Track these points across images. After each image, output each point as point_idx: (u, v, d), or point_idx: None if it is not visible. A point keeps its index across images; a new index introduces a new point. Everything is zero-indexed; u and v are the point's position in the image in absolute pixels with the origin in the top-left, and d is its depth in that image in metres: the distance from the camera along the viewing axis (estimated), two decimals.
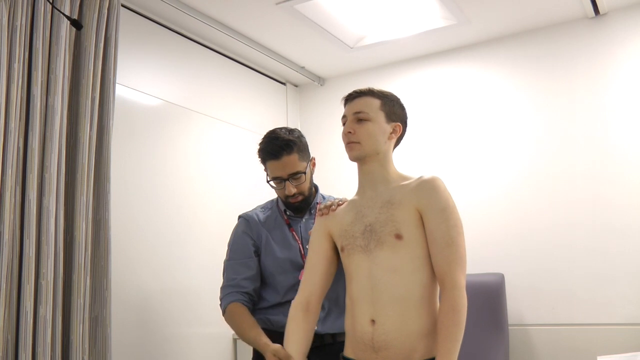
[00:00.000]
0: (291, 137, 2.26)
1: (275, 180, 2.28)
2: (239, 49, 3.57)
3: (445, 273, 1.76)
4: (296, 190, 2.27)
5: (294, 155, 2.24)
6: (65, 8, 2.39)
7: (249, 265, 2.30)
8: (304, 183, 2.28)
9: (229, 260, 2.36)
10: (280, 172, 2.25)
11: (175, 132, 3.19)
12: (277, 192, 2.34)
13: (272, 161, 2.26)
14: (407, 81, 3.74)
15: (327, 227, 1.98)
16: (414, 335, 1.78)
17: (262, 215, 2.41)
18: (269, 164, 2.28)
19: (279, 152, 2.23)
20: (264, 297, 2.33)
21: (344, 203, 2.01)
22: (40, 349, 2.17)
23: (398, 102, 1.96)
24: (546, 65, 3.41)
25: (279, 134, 2.28)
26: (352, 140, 1.87)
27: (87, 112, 2.44)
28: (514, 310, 3.24)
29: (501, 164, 3.44)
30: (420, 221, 1.81)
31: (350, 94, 1.95)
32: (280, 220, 2.37)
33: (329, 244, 1.98)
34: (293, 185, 2.26)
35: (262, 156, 2.32)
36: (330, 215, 1.99)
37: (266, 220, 2.38)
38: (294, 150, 2.24)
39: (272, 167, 2.27)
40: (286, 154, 2.23)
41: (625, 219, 3.09)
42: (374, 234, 1.83)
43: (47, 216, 2.25)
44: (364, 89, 1.93)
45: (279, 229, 2.35)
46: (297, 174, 2.25)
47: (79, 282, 2.34)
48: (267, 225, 2.37)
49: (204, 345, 3.19)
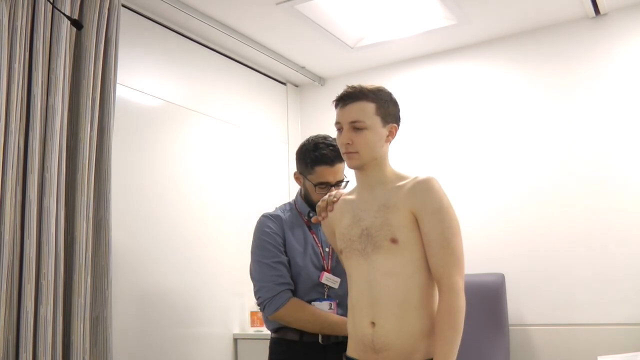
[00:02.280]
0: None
1: (322, 185, 2.30)
2: (240, 49, 3.57)
3: (442, 275, 1.75)
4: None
5: (343, 164, 2.30)
6: (66, 8, 2.39)
7: (286, 264, 2.31)
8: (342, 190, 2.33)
9: (265, 259, 2.31)
10: (330, 178, 2.30)
11: (176, 132, 3.19)
12: (315, 196, 2.33)
13: (324, 167, 2.29)
14: (407, 81, 3.74)
15: (332, 227, 2.00)
16: (414, 336, 1.78)
17: (285, 216, 2.42)
18: (320, 169, 2.30)
19: (335, 159, 2.28)
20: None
21: (339, 199, 2.00)
22: (40, 349, 2.18)
23: (391, 99, 1.92)
24: (546, 65, 3.41)
25: (332, 142, 2.31)
26: (350, 151, 1.86)
27: (87, 112, 2.44)
28: (514, 311, 3.24)
29: (502, 164, 3.44)
30: (416, 224, 1.81)
31: (342, 97, 1.89)
32: (301, 222, 2.39)
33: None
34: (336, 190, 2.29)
35: (314, 159, 2.31)
36: (330, 216, 2.00)
37: (288, 220, 2.40)
38: (342, 160, 2.26)
39: (324, 173, 2.30)
40: (339, 162, 2.29)
41: (626, 219, 3.09)
42: (371, 238, 1.83)
43: (48, 216, 2.25)
44: (355, 89, 1.87)
45: (300, 230, 2.37)
46: (343, 182, 2.33)
47: (80, 282, 2.34)
48: (290, 225, 2.39)
49: (205, 345, 3.19)
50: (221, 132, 3.48)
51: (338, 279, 2.26)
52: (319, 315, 2.22)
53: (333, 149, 2.28)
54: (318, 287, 2.29)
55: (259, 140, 3.77)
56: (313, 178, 2.32)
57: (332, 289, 2.28)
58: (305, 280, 2.30)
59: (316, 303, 2.26)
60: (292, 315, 2.25)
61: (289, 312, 2.24)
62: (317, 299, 2.27)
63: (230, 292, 3.37)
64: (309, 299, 2.27)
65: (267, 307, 2.26)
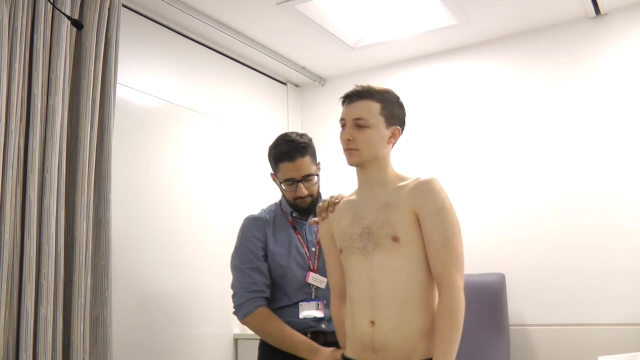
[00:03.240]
0: (304, 140, 2.31)
1: (288, 181, 2.30)
2: (240, 49, 3.57)
3: (442, 275, 1.76)
4: (307, 192, 2.30)
5: (307, 157, 2.29)
6: (66, 8, 2.39)
7: (263, 270, 2.31)
8: (314, 185, 2.32)
9: (242, 264, 2.35)
10: (294, 174, 2.28)
11: (176, 132, 3.19)
12: (286, 193, 2.35)
13: (286, 163, 2.28)
14: (407, 81, 3.74)
15: (330, 230, 2.00)
16: (414, 335, 1.78)
17: (269, 217, 2.42)
18: (283, 166, 2.30)
19: (294, 154, 2.27)
20: (272, 298, 2.35)
21: (340, 201, 2.01)
22: (41, 349, 2.18)
23: (397, 101, 1.95)
24: (547, 65, 3.40)
25: (292, 137, 2.32)
26: (351, 147, 1.87)
27: (87, 112, 2.44)
28: (514, 311, 3.24)
29: (502, 164, 3.44)
30: (417, 223, 1.81)
31: (349, 95, 1.92)
32: (286, 223, 2.39)
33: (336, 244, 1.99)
34: (305, 187, 2.29)
35: (275, 157, 2.33)
36: (329, 216, 2.00)
37: (272, 221, 2.40)
38: (307, 153, 2.29)
39: (286, 169, 2.29)
40: (300, 156, 2.27)
41: (626, 220, 3.09)
42: (372, 237, 1.84)
43: (48, 216, 2.25)
44: (363, 88, 1.91)
45: (284, 231, 2.37)
46: (310, 176, 2.29)
47: (80, 282, 2.34)
48: (274, 227, 2.38)
49: (205, 345, 3.19)
50: (221, 132, 3.48)
51: (325, 278, 2.24)
52: (282, 331, 2.20)
53: (292, 144, 2.28)
54: (305, 288, 2.29)
55: (260, 140, 3.76)
56: (280, 176, 2.32)
57: (320, 289, 2.27)
58: (291, 282, 2.30)
59: (303, 303, 2.26)
60: (257, 324, 2.28)
61: (254, 321, 2.27)
62: (304, 299, 2.28)
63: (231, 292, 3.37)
64: (296, 300, 2.27)
65: (237, 313, 2.31)
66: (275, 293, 2.34)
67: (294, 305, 2.28)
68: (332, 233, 1.99)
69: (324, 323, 2.26)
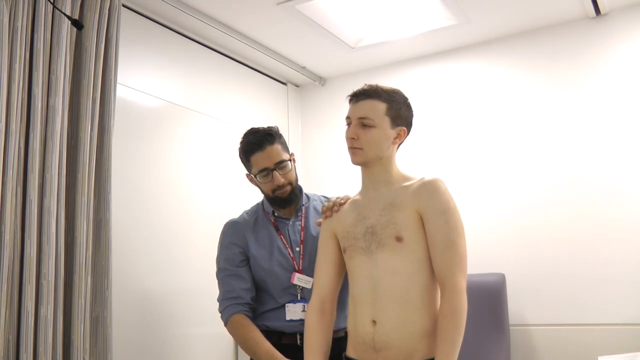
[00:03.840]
0: (270, 130, 2.32)
1: (263, 172, 2.28)
2: (240, 49, 3.57)
3: (445, 276, 1.76)
4: (284, 180, 2.28)
5: (277, 145, 2.28)
6: (66, 8, 2.39)
7: (241, 275, 2.30)
8: (290, 172, 2.30)
9: (220, 273, 2.36)
10: (267, 163, 2.26)
11: (176, 132, 3.19)
12: (263, 187, 2.32)
13: (257, 153, 2.27)
14: (407, 81, 3.74)
15: (332, 229, 1.99)
16: (415, 335, 1.78)
17: (249, 219, 2.41)
18: (254, 158, 2.28)
19: (263, 142, 2.27)
20: (259, 301, 2.34)
21: (346, 202, 2.01)
22: (41, 349, 2.18)
23: (405, 102, 1.94)
24: (547, 65, 3.40)
25: (257, 129, 2.34)
26: (355, 146, 1.87)
27: (88, 112, 2.44)
28: (515, 311, 3.24)
29: (502, 164, 3.44)
30: (421, 223, 1.81)
31: (356, 93, 1.92)
32: (267, 223, 2.37)
33: (336, 245, 1.98)
34: (280, 174, 2.27)
35: (246, 150, 2.31)
36: (334, 216, 2.00)
37: (253, 223, 2.39)
38: (275, 141, 2.29)
39: (258, 159, 2.27)
40: (269, 144, 2.27)
41: (627, 219, 3.09)
42: (375, 236, 1.84)
43: (48, 216, 2.25)
44: (371, 87, 1.90)
45: (266, 232, 2.35)
46: (283, 162, 2.28)
47: (80, 282, 2.34)
48: (254, 229, 2.37)
49: (205, 345, 3.19)
50: (221, 132, 3.48)
51: (311, 278, 2.20)
52: (249, 339, 2.19)
53: (258, 134, 2.29)
54: (290, 289, 2.27)
55: None
56: (254, 170, 2.30)
57: (306, 289, 2.25)
58: (275, 284, 2.28)
59: (289, 305, 2.25)
60: (231, 332, 2.29)
61: (229, 328, 2.29)
62: (290, 300, 2.26)
63: None
64: (282, 302, 2.26)
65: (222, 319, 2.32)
66: (262, 296, 2.33)
67: (280, 307, 2.27)
68: (333, 232, 1.98)
69: None
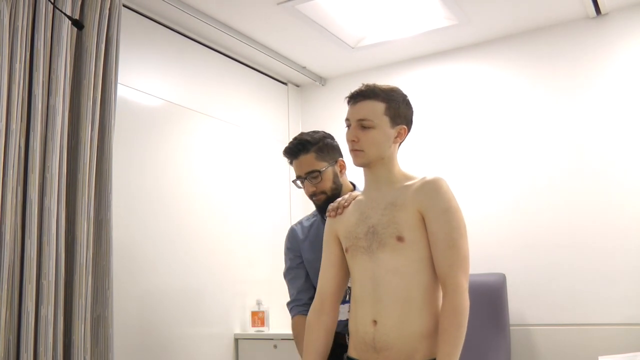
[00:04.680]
0: (309, 138, 2.33)
1: (297, 180, 2.35)
2: (241, 49, 3.57)
3: (447, 275, 1.75)
4: (315, 190, 2.31)
5: (311, 154, 2.30)
6: (67, 8, 2.39)
7: (299, 275, 2.42)
8: (321, 182, 2.31)
9: (285, 276, 2.49)
10: (298, 171, 2.33)
11: (177, 132, 3.19)
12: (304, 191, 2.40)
13: (293, 161, 2.35)
14: (408, 81, 3.73)
15: (335, 230, 1.99)
16: (416, 335, 1.77)
17: (307, 224, 2.48)
18: (293, 164, 2.36)
19: (295, 151, 2.32)
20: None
21: (349, 204, 2.00)
22: (41, 349, 2.18)
23: (404, 100, 1.94)
24: (547, 65, 3.40)
25: (299, 136, 2.36)
26: (356, 148, 1.87)
27: (88, 112, 2.44)
28: (515, 310, 3.24)
29: (503, 163, 3.44)
30: (423, 223, 1.81)
31: (353, 95, 1.92)
32: (322, 226, 2.38)
33: (338, 246, 1.98)
34: (311, 184, 2.30)
35: (284, 156, 2.39)
36: (337, 217, 1.99)
37: (309, 227, 2.46)
38: (310, 150, 2.30)
39: (294, 167, 2.36)
40: (303, 154, 2.30)
41: (627, 219, 3.09)
42: (377, 236, 1.83)
43: (49, 216, 2.25)
44: (368, 88, 1.90)
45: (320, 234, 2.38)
46: (313, 173, 2.30)
47: (81, 282, 2.34)
48: (310, 232, 2.44)
49: (206, 345, 3.19)
50: (222, 132, 3.48)
51: None
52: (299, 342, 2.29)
53: (295, 141, 2.33)
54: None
55: (260, 141, 3.77)
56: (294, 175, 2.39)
57: None
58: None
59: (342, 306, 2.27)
60: (293, 333, 2.42)
61: (292, 329, 2.41)
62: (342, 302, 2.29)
63: (231, 292, 3.38)
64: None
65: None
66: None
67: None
68: (336, 233, 1.98)
69: None
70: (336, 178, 2.35)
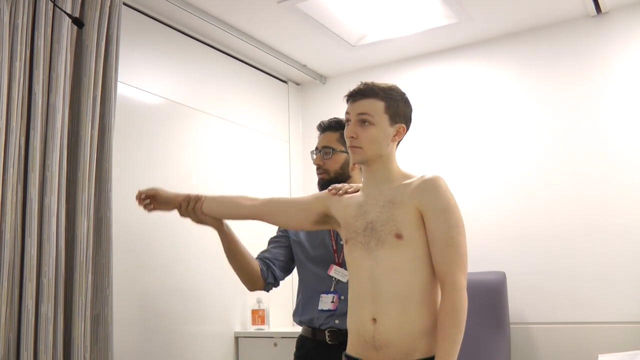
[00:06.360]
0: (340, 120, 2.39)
1: (314, 150, 2.44)
2: (241, 47, 3.57)
3: (445, 274, 1.76)
4: (321, 164, 2.38)
5: (335, 134, 2.38)
6: (67, 6, 2.39)
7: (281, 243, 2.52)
8: (330, 160, 2.37)
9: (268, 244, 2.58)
10: (318, 144, 2.42)
11: (177, 131, 3.19)
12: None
13: (319, 134, 2.44)
14: (409, 79, 3.73)
15: (328, 205, 1.99)
16: (415, 333, 1.78)
17: None
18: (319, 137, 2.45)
19: (326, 127, 2.41)
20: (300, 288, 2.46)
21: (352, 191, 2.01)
22: (41, 347, 2.18)
23: (402, 98, 1.94)
24: (548, 63, 3.40)
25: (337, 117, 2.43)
26: (354, 145, 1.88)
27: (88, 110, 2.44)
28: (515, 309, 3.24)
29: (503, 162, 3.44)
30: (421, 221, 1.81)
31: (352, 94, 1.92)
32: None
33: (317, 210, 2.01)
34: (324, 158, 2.38)
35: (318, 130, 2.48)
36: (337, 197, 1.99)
37: None
38: (337, 131, 2.38)
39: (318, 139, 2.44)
40: (330, 130, 2.40)
41: (626, 218, 3.09)
42: (375, 233, 1.84)
43: (49, 214, 2.25)
44: (367, 86, 1.91)
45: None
46: (327, 149, 2.38)
47: (81, 280, 2.34)
48: None
49: (206, 343, 3.19)
50: (222, 130, 3.48)
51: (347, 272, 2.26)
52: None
53: (331, 119, 2.43)
54: (326, 280, 2.34)
55: (260, 139, 3.77)
56: None
57: (341, 282, 2.30)
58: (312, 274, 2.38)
59: (323, 295, 2.33)
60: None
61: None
62: (325, 291, 2.33)
63: (232, 291, 3.37)
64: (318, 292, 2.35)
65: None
66: (300, 285, 2.46)
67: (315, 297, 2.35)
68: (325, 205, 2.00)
69: (337, 319, 2.28)
70: (345, 166, 2.39)
